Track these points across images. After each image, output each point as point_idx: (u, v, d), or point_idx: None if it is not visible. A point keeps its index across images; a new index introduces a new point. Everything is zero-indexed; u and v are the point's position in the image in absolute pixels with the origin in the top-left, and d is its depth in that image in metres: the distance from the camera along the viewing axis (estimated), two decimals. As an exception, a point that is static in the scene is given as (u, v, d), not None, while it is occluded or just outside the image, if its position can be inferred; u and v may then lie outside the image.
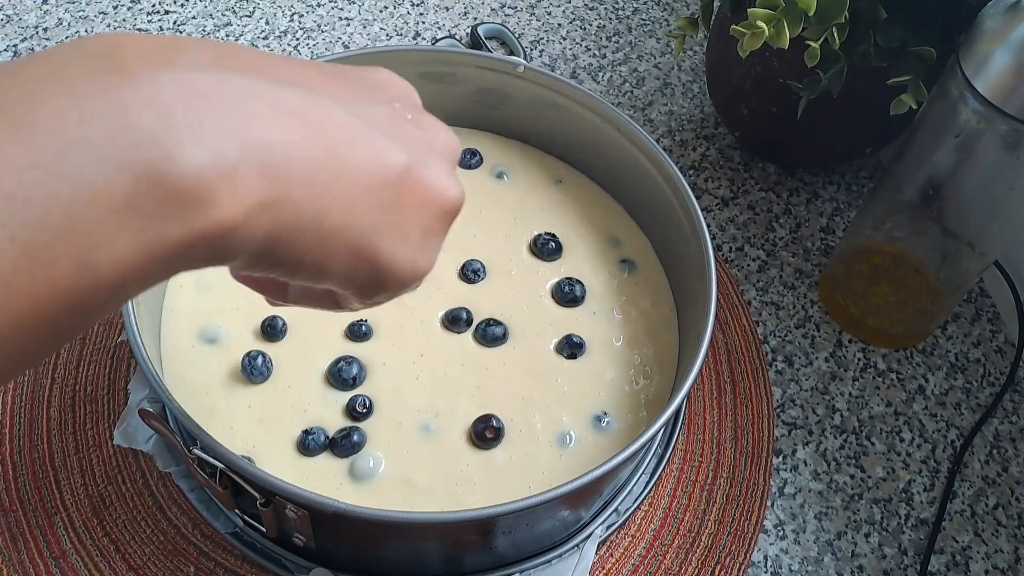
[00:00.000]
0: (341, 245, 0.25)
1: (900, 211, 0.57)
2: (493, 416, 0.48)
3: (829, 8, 0.51)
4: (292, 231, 0.24)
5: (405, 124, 0.28)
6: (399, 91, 0.30)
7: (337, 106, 0.25)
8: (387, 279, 0.28)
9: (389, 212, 0.26)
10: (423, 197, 0.27)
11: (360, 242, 0.26)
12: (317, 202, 0.24)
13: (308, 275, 0.26)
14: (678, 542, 0.53)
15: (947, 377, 0.62)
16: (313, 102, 0.25)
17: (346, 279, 0.27)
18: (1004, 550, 0.55)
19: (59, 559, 0.49)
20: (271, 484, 0.39)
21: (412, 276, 0.28)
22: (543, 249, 0.55)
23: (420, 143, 0.28)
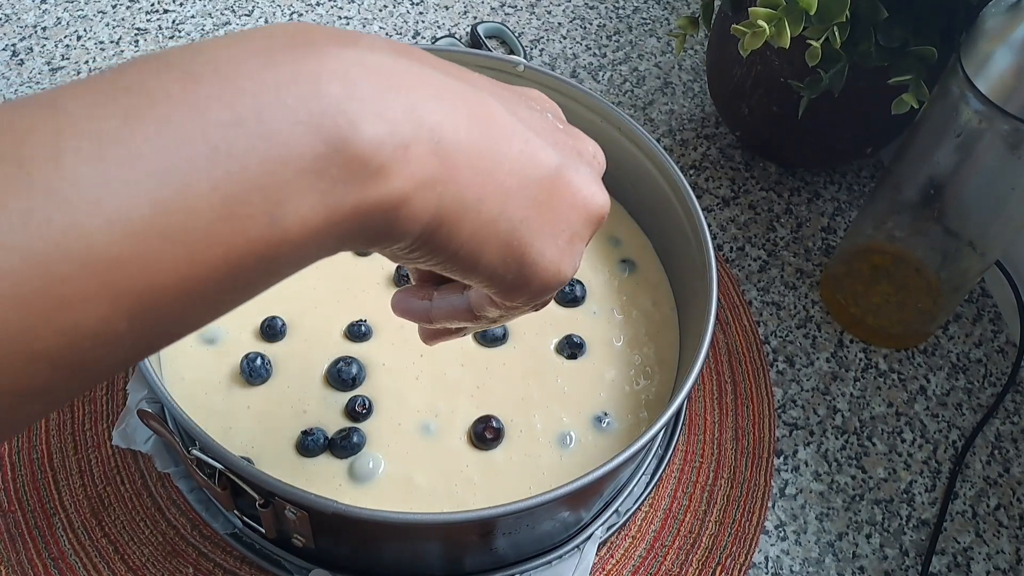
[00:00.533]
0: (495, 235, 0.26)
1: (901, 211, 0.57)
2: (493, 417, 0.48)
3: (830, 7, 0.51)
4: (454, 214, 0.25)
5: (556, 131, 0.29)
6: (549, 105, 0.32)
7: (497, 102, 0.27)
8: (532, 277, 0.28)
9: (541, 209, 0.27)
10: (572, 200, 0.28)
11: (512, 235, 0.27)
12: (478, 188, 0.25)
13: (461, 265, 0.27)
14: (679, 543, 0.53)
15: (948, 377, 0.62)
16: (477, 96, 0.26)
17: (494, 274, 0.28)
18: (1005, 551, 0.54)
19: (58, 560, 0.49)
20: (270, 485, 0.39)
21: (555, 278, 0.29)
22: (543, 249, 0.55)
23: (571, 149, 0.29)
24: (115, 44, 0.74)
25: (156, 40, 0.75)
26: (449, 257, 0.26)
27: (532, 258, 0.28)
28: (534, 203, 0.27)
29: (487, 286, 0.28)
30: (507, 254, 0.27)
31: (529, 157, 0.27)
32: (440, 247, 0.26)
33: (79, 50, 0.74)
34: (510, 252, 0.27)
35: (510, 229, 0.26)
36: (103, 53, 0.74)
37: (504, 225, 0.26)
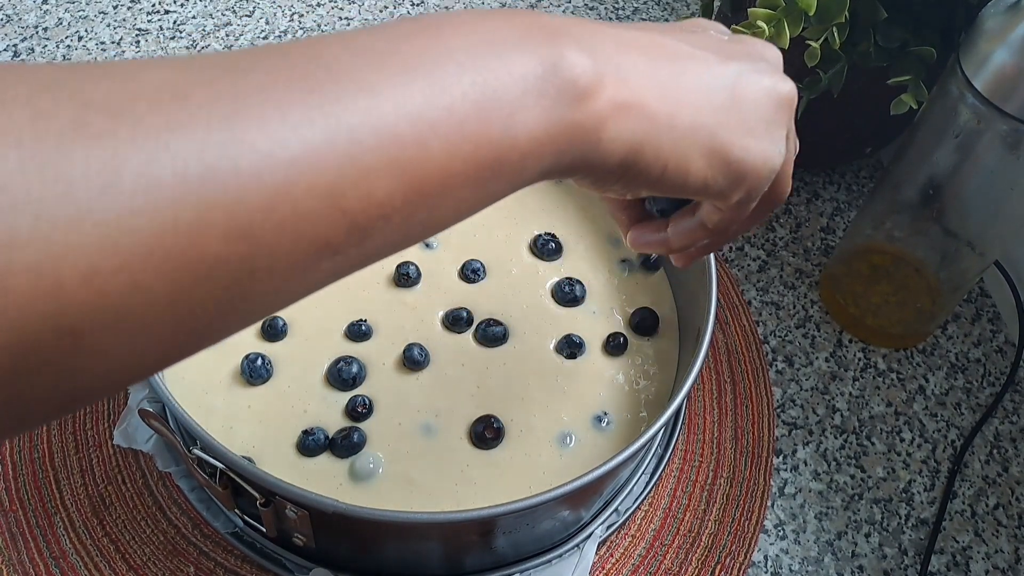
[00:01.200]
0: (695, 145, 0.30)
1: (900, 211, 0.57)
2: (493, 416, 0.48)
3: (829, 8, 0.51)
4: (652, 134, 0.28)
5: (723, 43, 0.33)
6: (708, 25, 0.35)
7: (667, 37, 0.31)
8: (744, 172, 0.31)
9: (731, 111, 0.31)
10: (757, 94, 0.31)
11: (711, 140, 0.30)
12: (668, 108, 0.29)
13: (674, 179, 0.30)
14: (678, 542, 0.53)
15: (947, 377, 0.62)
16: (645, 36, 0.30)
17: (706, 182, 0.31)
18: (1004, 550, 0.55)
19: (59, 559, 0.49)
20: (271, 484, 0.39)
21: (765, 166, 0.32)
22: (543, 249, 0.55)
23: (742, 54, 0.32)
24: (116, 44, 0.75)
25: (157, 41, 0.75)
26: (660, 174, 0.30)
27: (737, 155, 0.31)
28: (723, 108, 0.30)
29: (704, 194, 0.31)
30: (712, 158, 0.30)
31: (706, 71, 0.30)
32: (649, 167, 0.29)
33: (80, 51, 0.74)
34: (714, 155, 0.30)
35: (708, 135, 0.30)
36: (104, 54, 0.74)
37: (702, 134, 0.30)
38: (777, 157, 0.32)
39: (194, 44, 0.75)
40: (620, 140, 0.28)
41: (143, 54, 0.74)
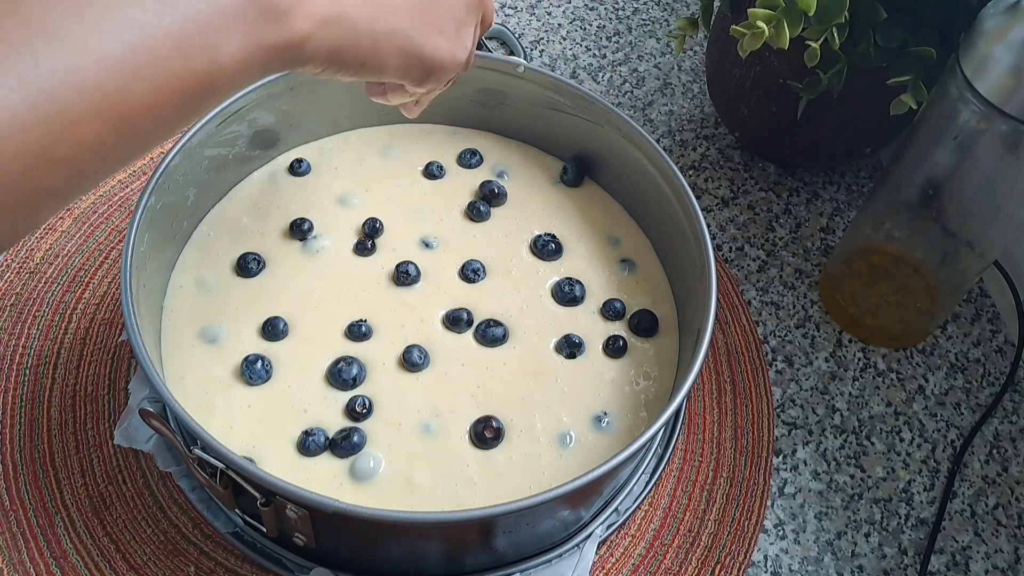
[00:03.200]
0: (392, 46, 0.34)
1: (900, 211, 0.57)
2: (493, 417, 0.48)
3: (829, 8, 0.51)
4: (352, 40, 0.32)
5: None
6: None
7: None
8: (433, 67, 0.37)
9: (425, 15, 0.35)
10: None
11: (406, 42, 0.34)
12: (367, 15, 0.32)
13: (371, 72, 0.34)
14: (678, 542, 0.53)
15: (947, 377, 0.62)
16: None
17: (401, 73, 0.36)
18: (1004, 550, 0.55)
19: (60, 559, 0.49)
20: (271, 484, 0.39)
21: (452, 62, 0.37)
22: (543, 250, 0.55)
23: None
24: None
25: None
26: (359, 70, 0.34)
27: (428, 53, 0.36)
28: (418, 10, 0.35)
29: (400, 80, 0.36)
30: (406, 57, 0.35)
31: None
32: (348, 65, 0.33)
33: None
34: (409, 54, 0.35)
35: (404, 37, 0.34)
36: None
37: (398, 36, 0.34)
38: (463, 53, 0.38)
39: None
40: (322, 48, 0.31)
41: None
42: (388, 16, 0.33)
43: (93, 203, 0.63)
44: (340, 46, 0.32)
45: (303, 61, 0.31)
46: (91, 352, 0.56)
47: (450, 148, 0.60)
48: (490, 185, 0.58)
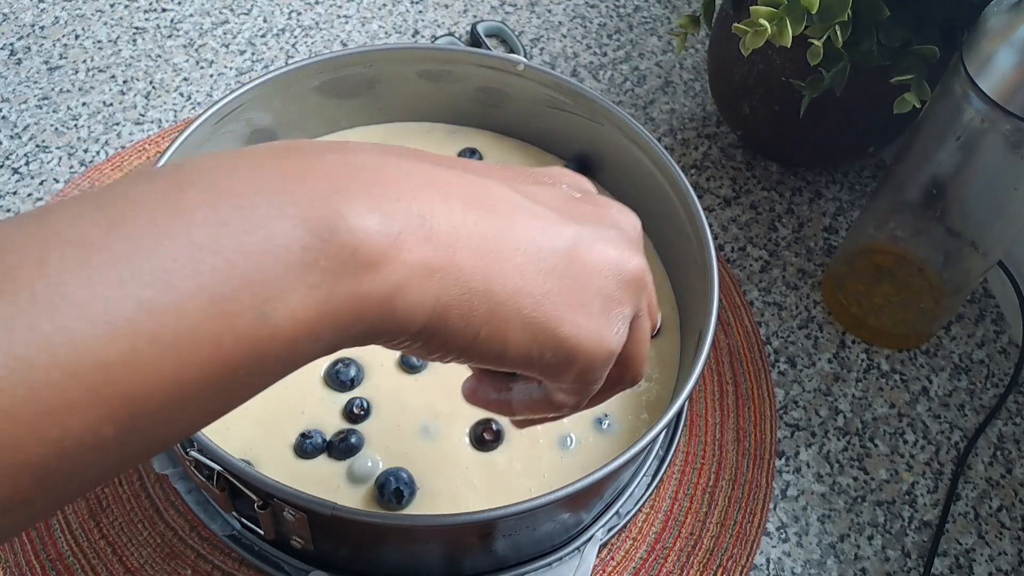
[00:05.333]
0: (515, 314, 0.25)
1: (903, 211, 0.57)
2: (492, 419, 0.48)
3: (832, 6, 0.51)
4: (462, 299, 0.24)
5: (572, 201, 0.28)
6: (568, 178, 0.30)
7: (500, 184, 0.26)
8: (575, 353, 0.27)
9: (563, 280, 0.26)
10: (597, 265, 0.27)
11: (535, 311, 0.25)
12: (485, 269, 0.24)
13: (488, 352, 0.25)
14: (680, 545, 0.52)
15: (951, 378, 0.61)
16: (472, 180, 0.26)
17: (528, 357, 0.26)
18: (1008, 552, 0.54)
19: (55, 561, 0.48)
20: (269, 486, 0.39)
21: (598, 348, 0.27)
22: (543, 249, 0.55)
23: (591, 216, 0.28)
24: (113, 43, 0.74)
25: (154, 39, 0.75)
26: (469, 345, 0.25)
27: (566, 331, 0.26)
28: (554, 275, 0.26)
29: (530, 369, 0.27)
30: (535, 333, 0.26)
31: (539, 231, 0.26)
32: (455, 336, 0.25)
33: (77, 49, 0.73)
34: (539, 330, 0.26)
35: (532, 305, 0.25)
36: (101, 52, 0.73)
37: (524, 302, 0.25)
38: (614, 339, 0.28)
39: (191, 42, 0.75)
40: (422, 306, 0.23)
41: (140, 52, 0.74)
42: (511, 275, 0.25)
43: (90, 202, 0.63)
44: (446, 304, 0.24)
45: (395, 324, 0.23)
46: (87, 353, 0.56)
47: (449, 147, 0.60)
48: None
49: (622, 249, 0.28)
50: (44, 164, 0.65)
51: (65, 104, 0.69)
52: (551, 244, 0.26)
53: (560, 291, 0.26)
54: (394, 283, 0.23)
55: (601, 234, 0.27)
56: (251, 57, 0.74)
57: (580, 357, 0.27)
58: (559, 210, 0.27)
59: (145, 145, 0.67)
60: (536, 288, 0.25)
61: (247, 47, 0.75)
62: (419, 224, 0.23)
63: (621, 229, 0.29)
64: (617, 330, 0.28)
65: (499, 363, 0.26)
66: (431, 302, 0.24)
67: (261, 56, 0.75)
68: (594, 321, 0.27)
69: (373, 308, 0.23)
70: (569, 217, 0.27)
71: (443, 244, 0.24)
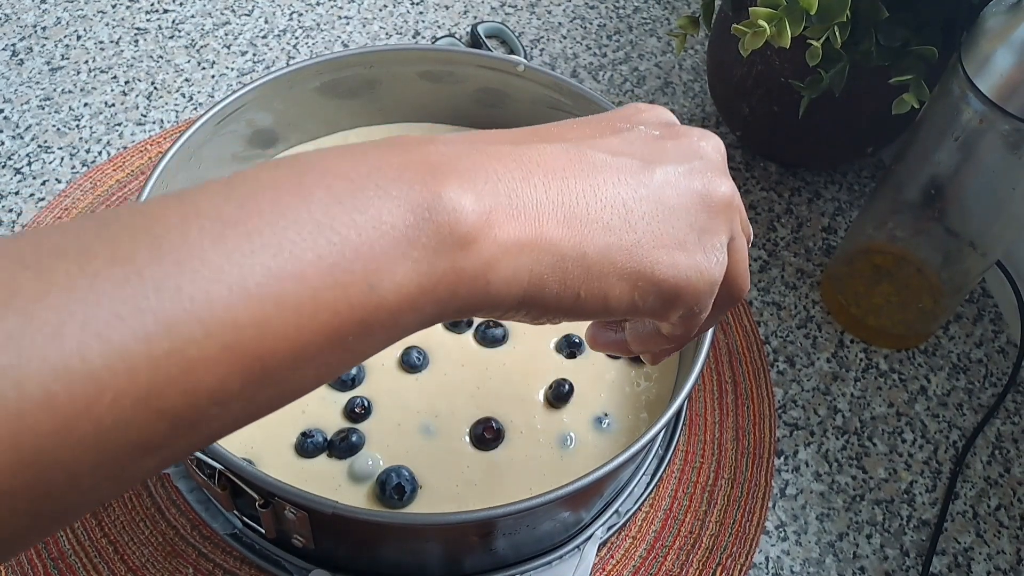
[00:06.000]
0: (612, 268, 0.26)
1: (902, 211, 0.57)
2: (493, 418, 0.48)
3: (831, 7, 0.51)
4: (555, 267, 0.26)
5: (653, 140, 0.29)
6: (646, 115, 0.31)
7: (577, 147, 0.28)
8: (677, 291, 0.28)
9: (653, 224, 0.27)
10: (685, 201, 0.28)
11: (630, 261, 0.27)
12: (573, 234, 0.26)
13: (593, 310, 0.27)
14: (679, 543, 0.52)
15: (949, 378, 0.61)
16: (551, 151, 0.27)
17: (632, 304, 0.27)
18: (1006, 551, 0.54)
19: (57, 560, 0.49)
20: (270, 485, 0.39)
21: (702, 281, 0.28)
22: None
23: (673, 152, 0.29)
24: (115, 44, 0.74)
25: (156, 40, 0.75)
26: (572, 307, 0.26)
27: (663, 272, 0.27)
28: (643, 223, 0.27)
29: (636, 314, 0.28)
30: (635, 279, 0.27)
31: (625, 182, 0.27)
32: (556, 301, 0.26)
33: (79, 50, 0.74)
34: (638, 276, 0.27)
35: (627, 256, 0.26)
36: (103, 53, 0.74)
37: (619, 255, 0.26)
38: (715, 268, 0.29)
39: (193, 43, 0.75)
40: (516, 280, 0.25)
41: (141, 53, 0.74)
42: (600, 234, 0.26)
43: (92, 203, 0.63)
44: (541, 275, 0.25)
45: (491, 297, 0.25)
46: (89, 352, 0.56)
47: (450, 147, 0.60)
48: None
49: (708, 178, 0.29)
50: (46, 164, 0.66)
51: (67, 104, 0.69)
52: (636, 194, 0.27)
53: (652, 236, 0.27)
54: (486, 260, 0.24)
55: (685, 168, 0.28)
56: (252, 58, 0.75)
57: (683, 294, 0.28)
58: (640, 156, 0.28)
59: (147, 145, 0.67)
60: (627, 239, 0.26)
61: (248, 48, 0.75)
62: (508, 200, 0.25)
63: (704, 157, 0.29)
64: (717, 259, 0.29)
65: (606, 315, 0.27)
66: (525, 275, 0.25)
67: (262, 57, 0.75)
68: (692, 256, 0.28)
69: (467, 283, 0.24)
70: (651, 160, 0.28)
71: (530, 219, 0.25)
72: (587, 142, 0.28)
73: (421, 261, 0.23)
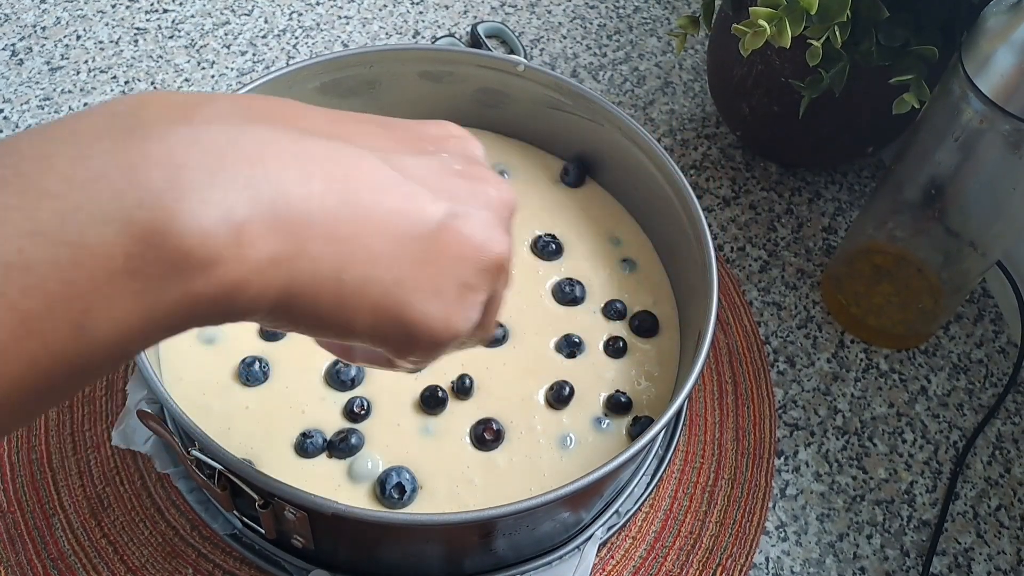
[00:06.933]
0: (364, 301, 0.25)
1: (902, 211, 0.57)
2: (493, 419, 0.48)
3: (831, 7, 0.51)
4: (309, 287, 0.23)
5: (450, 175, 0.27)
6: (454, 144, 0.29)
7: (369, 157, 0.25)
8: (418, 336, 0.26)
9: (419, 266, 0.25)
10: (460, 251, 0.26)
11: (385, 298, 0.25)
12: (336, 257, 0.23)
13: (333, 332, 0.25)
14: (679, 544, 0.52)
15: (949, 378, 0.61)
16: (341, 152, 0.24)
17: (374, 336, 0.26)
18: (1006, 551, 0.54)
19: (57, 561, 0.49)
20: (270, 485, 0.39)
21: (446, 334, 0.27)
22: (544, 250, 0.55)
23: (465, 194, 0.27)
24: (115, 44, 0.74)
25: (156, 40, 0.75)
26: (315, 325, 0.25)
27: (413, 317, 0.26)
28: (410, 261, 0.25)
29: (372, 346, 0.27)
30: (382, 317, 0.25)
31: (405, 213, 0.25)
32: (300, 318, 0.24)
33: (78, 50, 0.73)
34: (385, 315, 0.25)
35: (381, 292, 0.25)
36: (103, 53, 0.73)
37: (373, 288, 0.25)
38: (463, 324, 0.27)
39: (192, 43, 0.75)
40: (264, 298, 0.22)
41: (141, 53, 0.74)
42: (366, 263, 0.24)
43: (91, 203, 0.63)
44: (292, 294, 0.23)
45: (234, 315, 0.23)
46: (89, 352, 0.56)
47: (450, 147, 0.60)
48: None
49: (489, 233, 0.27)
50: (45, 164, 0.65)
51: (67, 105, 0.69)
52: (414, 230, 0.25)
53: (415, 278, 0.25)
54: (233, 281, 0.21)
55: (471, 215, 0.27)
56: (252, 58, 0.75)
57: (425, 340, 0.27)
58: (432, 187, 0.26)
59: (146, 145, 0.67)
60: (389, 276, 0.25)
61: (248, 48, 0.75)
62: (268, 213, 0.22)
63: (493, 209, 0.28)
64: (470, 317, 0.28)
65: (343, 339, 0.26)
66: (275, 293, 0.23)
67: (262, 57, 0.75)
68: (446, 308, 0.27)
69: (207, 305, 0.21)
70: (441, 194, 0.26)
71: (293, 232, 0.22)
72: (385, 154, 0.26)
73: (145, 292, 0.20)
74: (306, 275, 0.23)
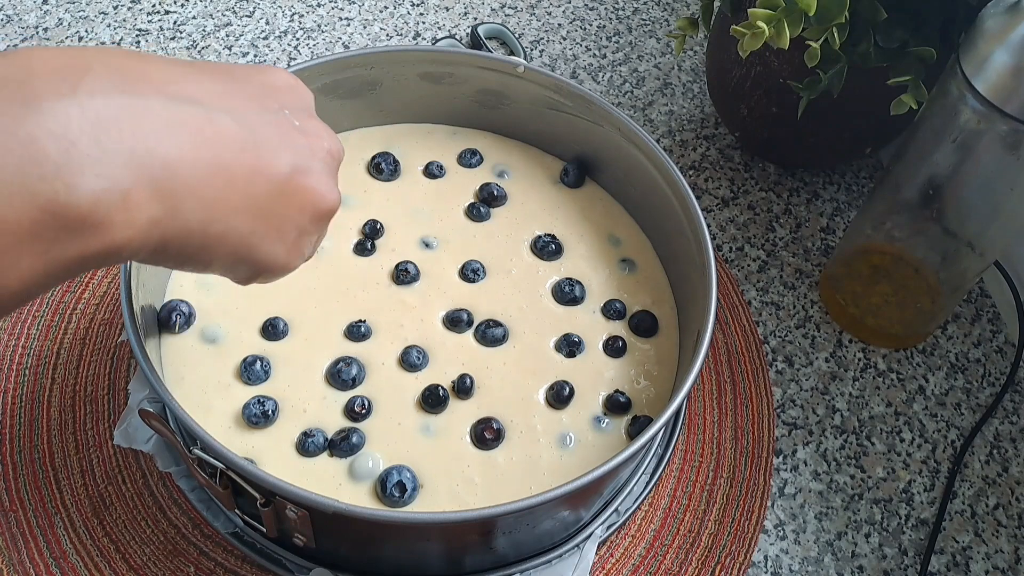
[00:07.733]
0: (223, 247, 0.29)
1: (900, 211, 0.57)
2: (493, 418, 0.48)
3: (829, 8, 0.51)
4: (180, 238, 0.28)
5: (291, 131, 0.32)
6: (291, 97, 0.33)
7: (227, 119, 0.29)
8: (261, 271, 0.32)
9: (268, 217, 0.30)
10: (302, 202, 0.31)
11: (239, 245, 0.30)
12: (203, 213, 0.28)
13: (193, 268, 0.30)
14: (678, 542, 0.53)
15: (947, 377, 0.62)
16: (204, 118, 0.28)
17: (227, 271, 0.31)
18: (1004, 550, 0.55)
19: (59, 559, 0.49)
20: (271, 484, 0.39)
21: (285, 270, 0.33)
22: (543, 250, 0.55)
23: (304, 149, 0.32)
24: (116, 45, 0.75)
25: (157, 41, 0.75)
26: (180, 264, 0.29)
27: (260, 258, 0.31)
28: (262, 213, 0.30)
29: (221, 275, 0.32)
30: (236, 258, 0.30)
31: (258, 172, 0.29)
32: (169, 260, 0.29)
33: (80, 51, 0.74)
34: (239, 256, 0.30)
35: (237, 241, 0.30)
36: (104, 54, 0.74)
37: (232, 237, 0.29)
38: (298, 261, 0.33)
39: (194, 44, 0.75)
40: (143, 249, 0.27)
41: (143, 54, 0.74)
42: (227, 217, 0.29)
43: (93, 203, 0.63)
44: (165, 245, 0.27)
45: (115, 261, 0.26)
46: (91, 352, 0.56)
47: (450, 148, 0.60)
48: (489, 188, 0.58)
49: (324, 187, 0.32)
50: (47, 165, 0.66)
51: (68, 105, 0.70)
52: (265, 184, 0.30)
53: (264, 226, 0.30)
54: (122, 239, 0.25)
55: (311, 170, 0.31)
56: (253, 59, 0.75)
57: (264, 272, 0.32)
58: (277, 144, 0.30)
59: (148, 146, 0.67)
60: (245, 226, 0.29)
61: (250, 49, 0.76)
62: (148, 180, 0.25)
63: (326, 164, 0.33)
64: (303, 254, 0.34)
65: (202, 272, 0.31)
66: (153, 244, 0.27)
67: (263, 58, 0.75)
68: (287, 250, 0.32)
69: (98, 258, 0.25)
70: (286, 151, 0.31)
71: (169, 194, 0.26)
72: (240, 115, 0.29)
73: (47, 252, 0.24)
74: (179, 229, 0.27)
